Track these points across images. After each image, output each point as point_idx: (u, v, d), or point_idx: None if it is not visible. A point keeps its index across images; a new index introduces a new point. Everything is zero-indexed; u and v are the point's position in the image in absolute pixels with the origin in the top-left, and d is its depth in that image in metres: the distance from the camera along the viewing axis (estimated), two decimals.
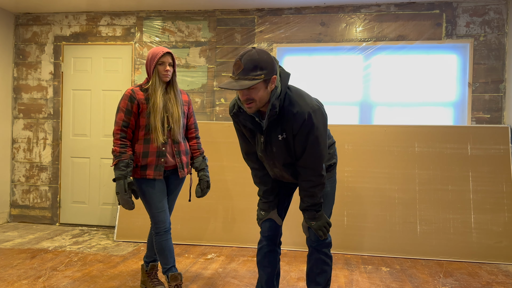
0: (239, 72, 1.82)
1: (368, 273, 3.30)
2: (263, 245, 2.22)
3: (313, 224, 2.07)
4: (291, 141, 1.97)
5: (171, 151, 2.57)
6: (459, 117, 4.18)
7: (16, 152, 4.91)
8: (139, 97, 2.50)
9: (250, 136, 2.09)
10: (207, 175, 2.71)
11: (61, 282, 2.92)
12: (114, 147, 2.45)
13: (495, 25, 4.09)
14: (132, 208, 2.44)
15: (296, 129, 1.92)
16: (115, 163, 2.43)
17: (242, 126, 2.08)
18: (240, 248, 3.95)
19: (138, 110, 2.50)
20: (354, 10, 4.31)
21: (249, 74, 1.81)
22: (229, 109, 2.13)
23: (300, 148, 1.97)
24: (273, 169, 2.11)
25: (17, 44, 4.90)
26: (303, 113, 1.89)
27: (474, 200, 3.78)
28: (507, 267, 3.53)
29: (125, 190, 2.40)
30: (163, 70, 2.50)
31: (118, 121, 2.48)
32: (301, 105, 1.91)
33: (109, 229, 4.61)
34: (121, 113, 2.48)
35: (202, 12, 4.56)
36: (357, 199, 3.92)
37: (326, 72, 4.40)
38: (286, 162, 2.04)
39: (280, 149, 2.00)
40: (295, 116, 1.90)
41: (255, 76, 1.81)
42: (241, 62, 1.81)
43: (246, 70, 1.81)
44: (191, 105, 2.75)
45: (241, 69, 1.81)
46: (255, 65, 1.81)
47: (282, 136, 1.96)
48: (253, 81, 1.80)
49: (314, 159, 1.97)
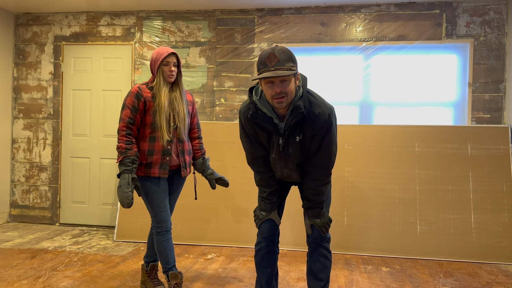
0: (275, 63, 1.84)
1: (368, 273, 3.30)
2: (262, 246, 2.21)
3: (318, 221, 2.11)
4: (308, 141, 2.00)
5: (175, 150, 2.58)
6: (459, 117, 4.18)
7: (16, 152, 4.91)
8: (145, 95, 2.50)
9: (266, 138, 2.07)
10: (212, 173, 2.75)
11: (61, 282, 2.92)
12: (120, 144, 2.43)
13: (495, 25, 4.09)
14: (130, 204, 2.35)
15: (317, 130, 1.97)
16: (121, 159, 2.41)
17: (259, 129, 2.05)
18: (240, 248, 3.95)
19: (145, 108, 2.50)
20: (354, 10, 4.31)
21: (285, 65, 1.84)
22: (241, 113, 2.09)
23: (315, 147, 2.01)
24: (283, 169, 2.12)
25: (17, 44, 4.90)
26: (324, 113, 1.95)
27: (474, 200, 3.78)
28: (507, 267, 3.53)
29: (128, 183, 2.37)
30: (168, 71, 2.50)
31: (123, 117, 2.47)
32: (321, 106, 1.97)
33: (109, 229, 4.61)
34: (127, 109, 2.48)
35: (202, 12, 4.56)
36: (357, 199, 3.92)
37: (326, 72, 4.40)
38: (299, 162, 2.08)
39: (295, 150, 2.02)
40: (317, 117, 1.95)
41: (290, 67, 1.85)
42: (275, 54, 1.84)
43: (282, 61, 1.84)
44: (195, 105, 2.77)
45: (276, 60, 1.83)
46: (289, 57, 1.86)
47: (299, 137, 1.99)
48: (290, 71, 1.84)
49: (328, 158, 2.03)
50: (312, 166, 2.05)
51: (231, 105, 4.50)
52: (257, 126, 2.05)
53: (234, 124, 4.22)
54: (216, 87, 4.53)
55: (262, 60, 1.87)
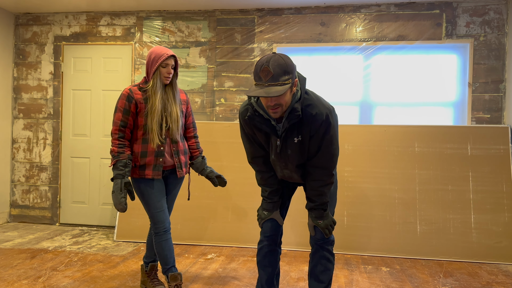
0: (268, 79, 1.79)
1: (368, 273, 3.30)
2: (263, 245, 2.21)
3: (320, 223, 2.10)
4: (307, 142, 1.99)
5: (169, 150, 2.56)
6: (459, 117, 4.18)
7: (16, 152, 4.91)
8: (137, 97, 2.48)
9: (264, 139, 2.07)
10: (212, 171, 2.73)
11: (61, 282, 2.92)
12: (112, 147, 2.44)
13: (495, 25, 4.09)
14: (124, 209, 2.38)
15: (314, 130, 1.95)
16: (113, 163, 2.42)
17: (257, 130, 2.05)
18: (240, 248, 3.95)
19: (136, 110, 2.48)
20: (354, 10, 4.31)
21: (278, 80, 1.79)
22: (240, 113, 2.09)
23: (315, 148, 1.99)
24: (283, 170, 2.11)
25: (17, 44, 4.90)
26: (322, 114, 1.93)
27: (474, 200, 3.77)
28: (507, 267, 3.53)
29: (121, 189, 2.38)
30: (166, 73, 2.47)
31: (116, 121, 2.46)
32: (319, 106, 1.95)
33: (109, 229, 4.61)
34: (119, 112, 2.47)
35: (202, 12, 4.56)
36: (357, 199, 3.92)
37: (326, 72, 4.40)
38: (299, 163, 2.06)
39: (294, 152, 2.01)
40: (314, 117, 1.93)
41: (284, 81, 1.80)
42: (270, 68, 1.79)
43: (276, 76, 1.79)
44: (189, 104, 2.73)
45: (270, 75, 1.79)
46: (284, 70, 1.80)
47: (297, 139, 1.98)
48: (283, 86, 1.79)
49: (328, 158, 2.01)
50: (313, 167, 2.04)
51: (231, 105, 4.50)
52: (255, 128, 2.05)
53: (233, 124, 4.21)
54: (216, 87, 4.53)
55: (257, 71, 1.83)
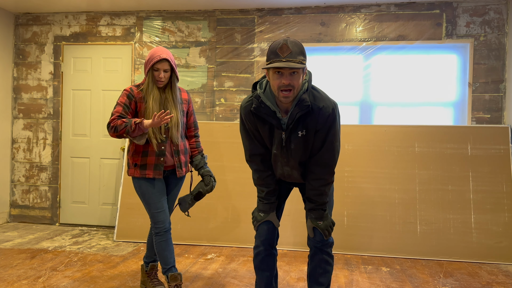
0: (287, 55, 1.83)
1: (368, 273, 3.30)
2: (260, 250, 2.15)
3: (320, 224, 2.07)
4: (311, 137, 1.99)
5: (170, 150, 2.56)
6: (459, 117, 4.18)
7: (16, 152, 4.91)
8: (137, 96, 2.50)
9: (268, 134, 2.04)
10: (208, 170, 2.69)
11: (61, 282, 2.92)
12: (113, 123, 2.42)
13: (495, 25, 4.09)
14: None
15: (321, 124, 1.96)
16: (124, 130, 2.39)
17: (261, 123, 2.03)
18: (240, 248, 3.95)
19: (136, 108, 2.51)
20: (354, 10, 4.31)
21: (296, 58, 1.84)
22: (242, 108, 2.07)
23: (318, 143, 1.99)
24: (284, 167, 2.09)
25: (17, 44, 4.90)
26: (329, 107, 1.95)
27: (474, 200, 3.77)
28: (507, 267, 3.53)
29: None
30: (157, 76, 2.47)
31: (114, 112, 2.47)
32: (326, 100, 1.97)
33: (109, 229, 4.61)
34: (119, 106, 2.48)
35: (202, 12, 4.56)
36: (357, 199, 3.92)
37: (326, 72, 4.40)
38: (302, 160, 2.05)
39: (298, 146, 2.00)
40: (321, 110, 1.94)
41: (301, 60, 1.85)
42: (288, 45, 1.83)
43: (294, 53, 1.84)
44: (191, 103, 2.73)
45: (289, 51, 1.83)
46: (301, 50, 1.87)
47: (302, 133, 1.98)
48: (301, 64, 1.84)
49: (331, 154, 2.01)
50: (315, 165, 2.03)
51: (231, 105, 4.50)
52: (259, 121, 2.03)
53: (233, 124, 4.21)
54: (216, 87, 4.53)
55: (274, 50, 1.85)
